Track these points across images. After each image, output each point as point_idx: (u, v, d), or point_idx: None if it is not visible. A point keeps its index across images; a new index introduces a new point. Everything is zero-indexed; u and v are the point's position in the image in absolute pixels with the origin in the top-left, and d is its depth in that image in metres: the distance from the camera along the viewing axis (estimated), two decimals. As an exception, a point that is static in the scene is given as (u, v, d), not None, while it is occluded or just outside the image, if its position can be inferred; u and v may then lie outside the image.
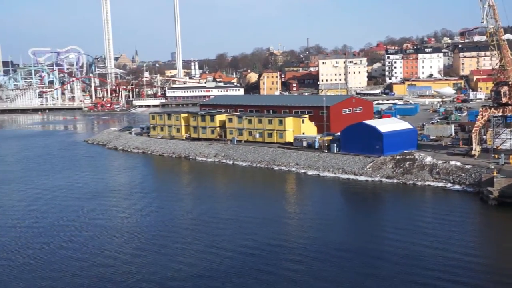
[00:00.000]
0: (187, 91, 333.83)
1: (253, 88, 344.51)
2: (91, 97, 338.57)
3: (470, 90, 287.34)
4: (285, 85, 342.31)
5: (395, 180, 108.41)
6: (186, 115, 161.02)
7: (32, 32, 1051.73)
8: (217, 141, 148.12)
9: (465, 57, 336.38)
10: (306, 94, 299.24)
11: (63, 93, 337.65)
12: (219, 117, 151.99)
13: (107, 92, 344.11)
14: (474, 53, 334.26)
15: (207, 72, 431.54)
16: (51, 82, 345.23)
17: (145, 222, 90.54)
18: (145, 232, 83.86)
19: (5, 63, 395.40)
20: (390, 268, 65.01)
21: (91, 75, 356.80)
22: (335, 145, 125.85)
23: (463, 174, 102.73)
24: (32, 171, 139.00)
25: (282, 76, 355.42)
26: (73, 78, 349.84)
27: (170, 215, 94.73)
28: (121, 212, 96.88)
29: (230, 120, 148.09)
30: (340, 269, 65.46)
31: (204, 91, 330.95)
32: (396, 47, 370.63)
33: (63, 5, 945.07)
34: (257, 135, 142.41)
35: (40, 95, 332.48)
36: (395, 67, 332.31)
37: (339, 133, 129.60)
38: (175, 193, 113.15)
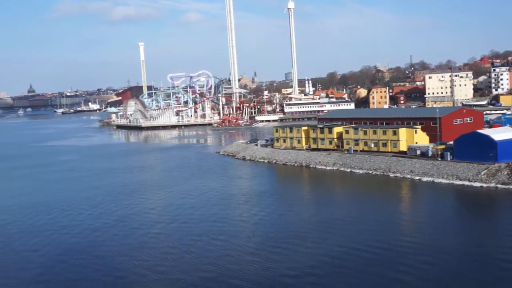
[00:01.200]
0: (303, 107, 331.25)
1: (362, 103, 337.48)
2: (219, 114, 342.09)
3: None
4: (393, 99, 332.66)
5: (511, 186, 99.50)
6: (306, 128, 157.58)
7: (169, 60, 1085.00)
8: (335, 151, 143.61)
9: None
10: (413, 106, 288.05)
11: (195, 111, 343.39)
12: (336, 129, 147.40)
13: (232, 109, 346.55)
14: None
15: (319, 89, 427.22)
16: (185, 102, 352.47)
17: (278, 223, 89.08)
18: (279, 232, 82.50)
19: (149, 87, 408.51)
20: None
21: (218, 95, 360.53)
22: (448, 153, 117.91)
23: None
24: (177, 178, 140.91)
25: (390, 90, 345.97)
26: (204, 98, 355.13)
27: (298, 217, 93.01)
28: (255, 214, 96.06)
29: (347, 132, 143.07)
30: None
31: (318, 106, 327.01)
32: (500, 60, 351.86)
33: (195, 36, 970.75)
34: (372, 145, 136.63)
35: (177, 113, 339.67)
36: (501, 79, 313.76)
37: (451, 142, 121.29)
38: (300, 197, 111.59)
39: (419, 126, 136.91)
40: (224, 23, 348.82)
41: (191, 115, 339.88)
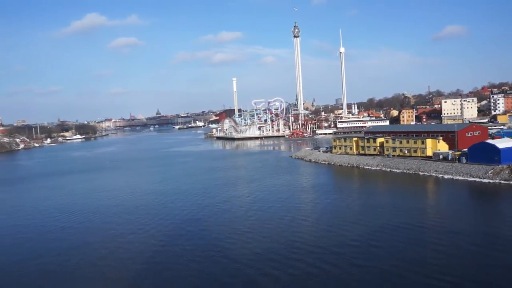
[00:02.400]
0: (351, 123, 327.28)
1: (395, 120, 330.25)
2: (289, 128, 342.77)
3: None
4: (418, 118, 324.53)
5: (511, 182, 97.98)
6: (356, 138, 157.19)
7: (252, 90, 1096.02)
8: (378, 155, 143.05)
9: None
10: (433, 123, 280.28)
11: (272, 127, 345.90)
12: (379, 139, 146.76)
13: (299, 125, 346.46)
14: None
15: (362, 110, 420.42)
16: (265, 120, 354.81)
17: (341, 205, 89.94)
18: (343, 212, 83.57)
19: (238, 110, 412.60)
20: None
21: (288, 115, 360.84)
22: (464, 157, 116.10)
23: None
24: (263, 174, 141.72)
25: (415, 111, 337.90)
26: (278, 117, 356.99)
27: (354, 202, 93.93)
28: (323, 199, 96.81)
29: (387, 141, 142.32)
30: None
31: (361, 123, 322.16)
32: (497, 89, 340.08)
33: (270, 73, 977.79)
34: (406, 151, 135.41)
35: (259, 128, 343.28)
36: (498, 103, 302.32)
37: (466, 149, 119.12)
38: (353, 189, 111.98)
39: (441, 137, 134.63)
40: (290, 63, 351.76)
41: (269, 129, 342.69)
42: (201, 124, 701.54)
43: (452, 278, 49.69)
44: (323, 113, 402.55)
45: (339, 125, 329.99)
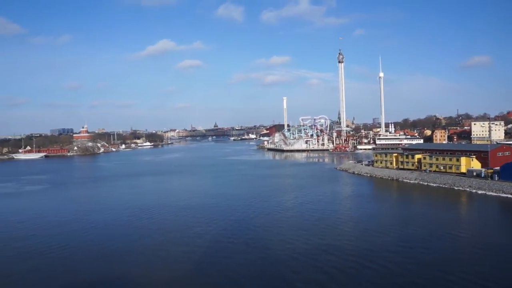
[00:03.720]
0: (388, 140, 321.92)
1: (428, 139, 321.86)
2: (333, 143, 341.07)
3: None
4: (449, 138, 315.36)
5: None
6: (396, 154, 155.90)
7: (299, 108, 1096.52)
8: (416, 170, 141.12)
9: None
10: (463, 143, 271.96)
11: (317, 141, 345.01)
12: (417, 156, 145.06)
13: (341, 140, 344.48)
14: None
15: (398, 129, 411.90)
16: (311, 135, 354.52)
17: (385, 213, 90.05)
18: (386, 219, 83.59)
19: (288, 125, 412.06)
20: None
21: (332, 131, 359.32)
22: (496, 175, 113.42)
23: None
24: (312, 183, 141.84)
25: (447, 132, 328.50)
26: (323, 133, 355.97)
27: (395, 211, 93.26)
28: (366, 207, 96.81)
29: (424, 158, 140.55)
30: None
31: (398, 140, 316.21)
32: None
33: (315, 94, 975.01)
34: (441, 167, 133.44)
35: (306, 142, 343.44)
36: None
37: (498, 168, 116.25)
38: (393, 199, 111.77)
39: (474, 156, 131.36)
40: (332, 85, 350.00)
41: (315, 143, 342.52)
42: (253, 136, 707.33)
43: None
44: (362, 131, 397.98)
45: (377, 142, 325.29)
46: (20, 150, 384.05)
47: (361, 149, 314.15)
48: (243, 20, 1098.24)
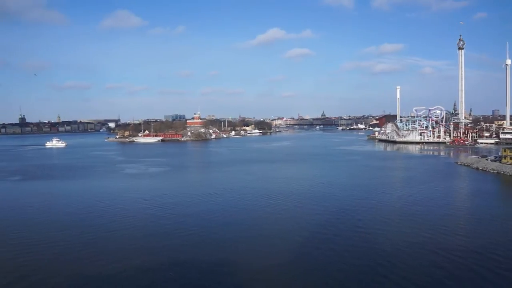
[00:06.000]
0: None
1: None
2: (450, 136, 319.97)
3: None
4: None
5: None
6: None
7: (408, 97, 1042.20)
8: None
9: None
10: None
11: (433, 133, 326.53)
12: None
13: (459, 133, 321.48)
14: None
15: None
16: (426, 127, 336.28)
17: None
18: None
19: (401, 116, 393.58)
20: None
21: (450, 123, 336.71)
22: None
23: None
24: (434, 177, 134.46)
25: None
26: (439, 125, 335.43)
27: None
28: (495, 206, 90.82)
29: None
30: None
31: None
32: None
33: (427, 83, 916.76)
34: None
35: (420, 134, 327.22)
36: None
37: None
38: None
39: None
40: (447, 73, 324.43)
41: (430, 135, 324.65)
42: (362, 126, 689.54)
43: None
44: (482, 123, 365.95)
45: (502, 136, 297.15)
46: (139, 134, 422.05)
47: (482, 143, 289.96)
48: (353, 7, 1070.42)
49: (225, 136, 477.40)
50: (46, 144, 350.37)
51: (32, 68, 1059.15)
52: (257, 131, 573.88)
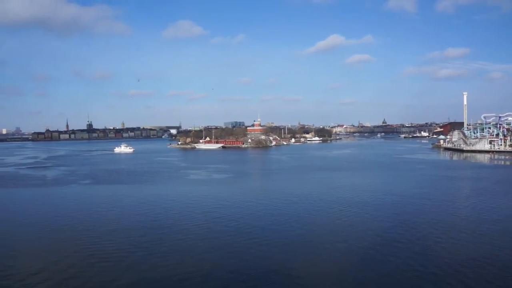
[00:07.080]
0: None
1: None
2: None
3: None
4: None
5: None
6: None
7: (475, 103, 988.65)
8: None
9: None
10: None
11: (504, 142, 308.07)
12: None
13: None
14: None
15: None
16: (496, 135, 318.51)
17: None
18: None
19: (468, 124, 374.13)
20: None
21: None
22: None
23: None
24: (497, 191, 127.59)
25: None
26: (511, 132, 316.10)
27: None
28: None
29: None
30: None
31: None
32: None
33: (496, 87, 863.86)
34: None
35: (490, 142, 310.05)
36: None
37: None
38: None
39: None
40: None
41: (500, 144, 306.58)
42: (425, 134, 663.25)
43: None
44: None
45: None
46: (201, 141, 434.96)
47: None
48: (416, 11, 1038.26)
49: (285, 143, 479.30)
50: (114, 150, 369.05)
51: (99, 78, 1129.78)
52: (317, 138, 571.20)
